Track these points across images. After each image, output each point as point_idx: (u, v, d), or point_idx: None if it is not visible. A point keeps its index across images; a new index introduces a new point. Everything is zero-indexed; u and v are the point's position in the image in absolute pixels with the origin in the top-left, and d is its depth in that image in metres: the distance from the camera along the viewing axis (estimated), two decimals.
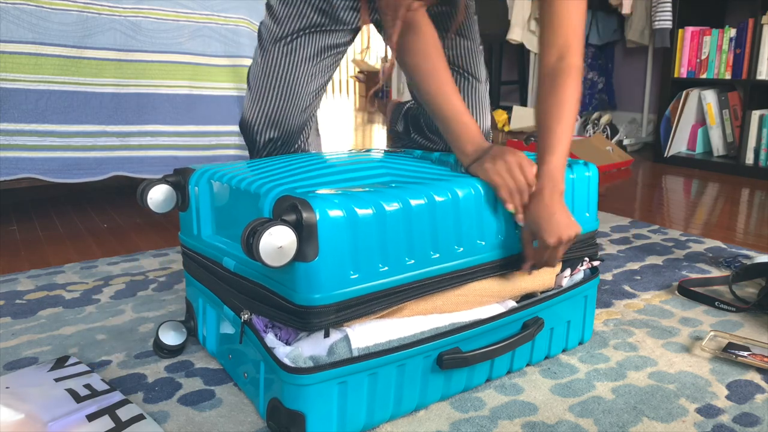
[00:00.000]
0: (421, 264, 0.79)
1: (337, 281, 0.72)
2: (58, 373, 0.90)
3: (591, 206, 0.99)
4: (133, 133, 1.73)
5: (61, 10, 1.59)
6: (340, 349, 0.75)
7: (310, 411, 0.74)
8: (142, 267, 1.43)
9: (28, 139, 1.58)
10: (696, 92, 2.70)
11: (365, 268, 0.74)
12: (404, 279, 0.77)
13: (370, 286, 0.75)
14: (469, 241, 0.83)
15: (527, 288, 0.94)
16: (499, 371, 0.91)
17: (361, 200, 0.73)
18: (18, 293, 1.27)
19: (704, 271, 1.38)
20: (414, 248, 0.78)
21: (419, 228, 0.78)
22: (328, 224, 0.70)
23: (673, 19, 2.69)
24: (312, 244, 0.69)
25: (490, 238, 0.86)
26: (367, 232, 0.73)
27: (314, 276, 0.71)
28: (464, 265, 0.83)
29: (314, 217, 0.69)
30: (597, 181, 0.98)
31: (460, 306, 0.86)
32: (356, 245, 0.72)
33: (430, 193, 0.79)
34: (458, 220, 0.82)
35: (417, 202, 0.77)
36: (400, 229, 0.76)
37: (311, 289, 0.71)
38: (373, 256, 0.74)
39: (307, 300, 0.71)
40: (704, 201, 2.10)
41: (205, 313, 0.97)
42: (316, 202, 0.70)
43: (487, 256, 0.86)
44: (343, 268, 0.72)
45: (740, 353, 0.96)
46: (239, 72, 1.87)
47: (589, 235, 0.99)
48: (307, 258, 0.70)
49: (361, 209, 0.72)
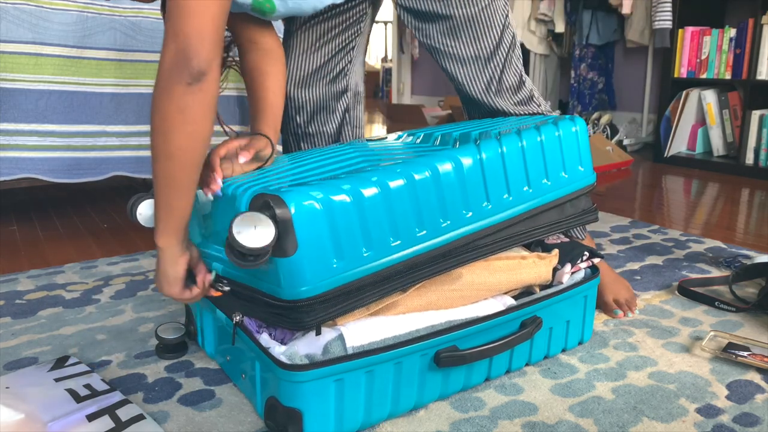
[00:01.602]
0: (407, 243, 0.78)
1: (321, 272, 0.72)
2: (58, 373, 0.90)
3: (584, 159, 0.96)
4: (133, 133, 1.72)
5: (61, 10, 1.59)
6: (335, 347, 0.75)
7: (307, 408, 0.74)
8: (142, 267, 1.43)
9: (28, 139, 1.58)
10: (696, 92, 2.70)
11: (348, 255, 0.73)
12: (391, 261, 0.77)
13: (356, 272, 0.74)
14: (455, 214, 0.82)
15: (524, 281, 0.93)
16: (498, 370, 0.91)
17: (335, 188, 0.73)
18: (18, 293, 1.27)
19: (704, 271, 1.38)
20: (398, 228, 0.77)
21: (400, 207, 0.77)
22: (304, 216, 0.69)
23: (673, 19, 2.69)
24: (290, 238, 0.69)
25: (477, 207, 0.84)
26: (345, 218, 0.72)
27: (297, 270, 0.70)
28: (452, 238, 0.82)
29: (288, 212, 0.68)
30: (586, 134, 0.96)
31: (455, 301, 0.86)
32: (336, 233, 0.72)
33: (409, 171, 0.78)
34: (441, 194, 0.80)
35: (395, 183, 0.76)
36: (379, 211, 0.75)
37: (295, 283, 0.71)
38: (354, 242, 0.73)
39: (293, 294, 0.71)
40: (704, 201, 2.10)
41: (201, 317, 0.97)
42: (289, 196, 0.69)
43: (476, 226, 0.84)
44: (325, 257, 0.72)
45: (740, 353, 0.96)
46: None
47: (587, 190, 0.97)
48: (287, 253, 0.69)
49: (336, 196, 0.72)
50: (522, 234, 0.91)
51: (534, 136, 0.90)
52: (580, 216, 0.98)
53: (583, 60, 3.29)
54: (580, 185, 0.97)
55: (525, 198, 0.90)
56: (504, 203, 0.87)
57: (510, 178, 0.87)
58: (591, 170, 0.98)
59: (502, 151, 0.86)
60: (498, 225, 0.87)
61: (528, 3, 3.40)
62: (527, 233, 0.91)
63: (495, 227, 0.87)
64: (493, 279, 0.90)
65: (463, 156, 0.83)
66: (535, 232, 0.93)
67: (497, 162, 0.86)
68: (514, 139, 0.88)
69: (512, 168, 0.88)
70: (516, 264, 0.93)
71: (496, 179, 0.86)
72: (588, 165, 0.97)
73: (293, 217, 0.69)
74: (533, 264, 0.94)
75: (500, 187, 0.87)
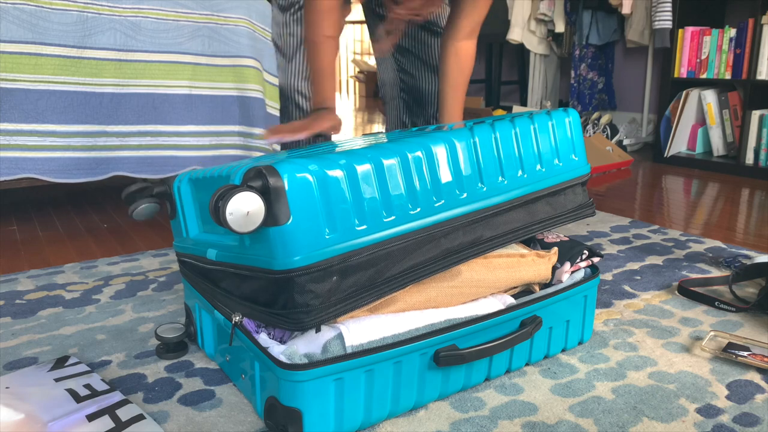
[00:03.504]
0: (401, 220, 0.79)
1: (314, 242, 0.72)
2: (58, 373, 0.90)
3: (577, 149, 0.98)
4: (133, 133, 1.73)
5: (61, 10, 1.59)
6: (333, 347, 0.75)
7: (306, 408, 0.74)
8: (142, 267, 1.43)
9: (28, 139, 1.58)
10: (696, 92, 2.70)
11: (341, 227, 0.74)
12: (384, 236, 0.77)
13: (349, 245, 0.74)
14: (448, 194, 0.83)
15: (523, 278, 0.94)
16: (498, 370, 0.91)
17: (330, 161, 0.74)
18: (18, 293, 1.27)
19: (704, 271, 1.38)
20: (391, 204, 0.78)
21: (394, 183, 0.78)
22: (297, 186, 0.70)
23: (673, 19, 2.69)
24: (282, 207, 0.70)
25: (471, 188, 0.86)
26: (338, 191, 0.73)
27: (290, 238, 0.71)
28: (447, 218, 0.83)
29: (280, 181, 0.69)
30: (579, 124, 0.99)
31: (455, 298, 0.87)
32: (329, 205, 0.73)
33: (403, 150, 0.79)
34: (435, 173, 0.82)
35: (389, 161, 0.78)
36: (372, 186, 0.76)
37: (288, 251, 0.71)
38: (347, 215, 0.74)
39: (286, 264, 0.71)
40: (704, 201, 2.10)
41: (201, 318, 0.98)
42: (283, 167, 0.70)
43: (471, 208, 0.86)
44: (318, 228, 0.72)
45: (740, 353, 0.96)
46: (239, 72, 1.87)
47: (583, 179, 0.99)
48: (279, 221, 0.70)
49: (330, 170, 0.73)
50: (520, 229, 0.91)
51: (527, 124, 0.93)
52: (578, 210, 0.99)
53: (583, 60, 3.29)
54: (574, 174, 0.98)
55: (520, 183, 0.91)
56: (499, 186, 0.89)
57: (504, 162, 0.89)
58: (585, 160, 1.00)
59: (495, 136, 0.89)
60: (493, 208, 0.88)
61: (528, 3, 3.40)
62: (525, 228, 0.92)
63: (490, 210, 0.88)
64: (493, 276, 0.90)
65: (456, 138, 0.85)
66: (533, 227, 0.93)
67: (490, 145, 0.88)
68: (507, 125, 0.91)
69: (506, 152, 0.90)
70: (515, 262, 0.93)
71: (490, 162, 0.88)
72: (582, 155, 0.99)
73: (286, 185, 0.70)
74: (532, 262, 0.94)
75: (494, 169, 0.88)
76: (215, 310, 0.90)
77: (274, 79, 2.00)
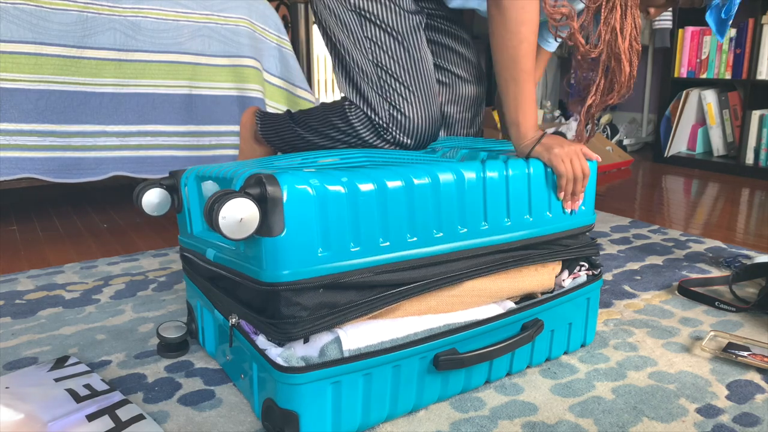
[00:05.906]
0: (396, 246, 0.77)
1: (305, 258, 0.71)
2: (58, 373, 0.90)
3: (587, 200, 0.97)
4: (133, 133, 1.73)
5: (61, 10, 1.59)
6: (331, 350, 0.75)
7: (303, 411, 0.74)
8: (142, 267, 1.43)
9: (28, 139, 1.58)
10: (696, 92, 2.70)
11: (335, 246, 0.73)
12: (377, 261, 0.76)
13: (340, 265, 0.73)
14: (449, 227, 0.82)
15: (526, 288, 0.93)
16: (498, 373, 0.91)
17: (332, 177, 0.72)
18: (18, 293, 1.27)
19: (704, 271, 1.38)
20: (389, 229, 0.76)
21: (395, 209, 0.76)
22: (295, 198, 0.69)
23: (673, 19, 2.69)
24: (277, 217, 0.69)
25: (474, 225, 0.84)
26: (338, 209, 0.72)
27: (281, 251, 0.70)
28: (443, 251, 0.81)
29: (279, 191, 0.68)
30: (595, 175, 0.97)
31: (455, 307, 0.86)
32: (325, 222, 0.72)
33: (408, 175, 0.77)
34: (438, 204, 0.80)
35: (393, 183, 0.76)
36: (373, 208, 0.75)
37: (278, 264, 0.70)
38: (343, 235, 0.73)
39: (274, 276, 0.71)
40: (704, 201, 2.10)
41: (202, 316, 0.98)
42: (284, 177, 0.69)
43: (469, 244, 0.84)
44: (311, 244, 0.71)
45: (740, 353, 0.96)
46: (239, 72, 1.87)
47: (586, 229, 0.98)
48: (273, 232, 0.69)
49: (331, 186, 0.72)
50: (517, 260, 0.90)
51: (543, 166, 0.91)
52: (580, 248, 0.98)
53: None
54: (580, 223, 0.97)
55: (525, 225, 0.89)
56: (502, 226, 0.87)
57: (511, 202, 0.87)
58: (592, 211, 0.99)
59: (507, 174, 0.86)
60: (493, 247, 0.86)
61: None
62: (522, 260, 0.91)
63: (489, 248, 0.86)
64: (495, 286, 0.89)
65: (466, 170, 0.82)
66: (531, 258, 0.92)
67: (501, 183, 0.86)
68: (522, 165, 0.88)
69: (515, 192, 0.87)
70: (518, 271, 0.92)
71: (496, 200, 0.85)
72: (590, 206, 0.98)
73: (285, 197, 0.69)
74: (535, 272, 0.94)
75: (500, 209, 0.86)
76: (215, 309, 0.90)
77: (274, 79, 2.00)
